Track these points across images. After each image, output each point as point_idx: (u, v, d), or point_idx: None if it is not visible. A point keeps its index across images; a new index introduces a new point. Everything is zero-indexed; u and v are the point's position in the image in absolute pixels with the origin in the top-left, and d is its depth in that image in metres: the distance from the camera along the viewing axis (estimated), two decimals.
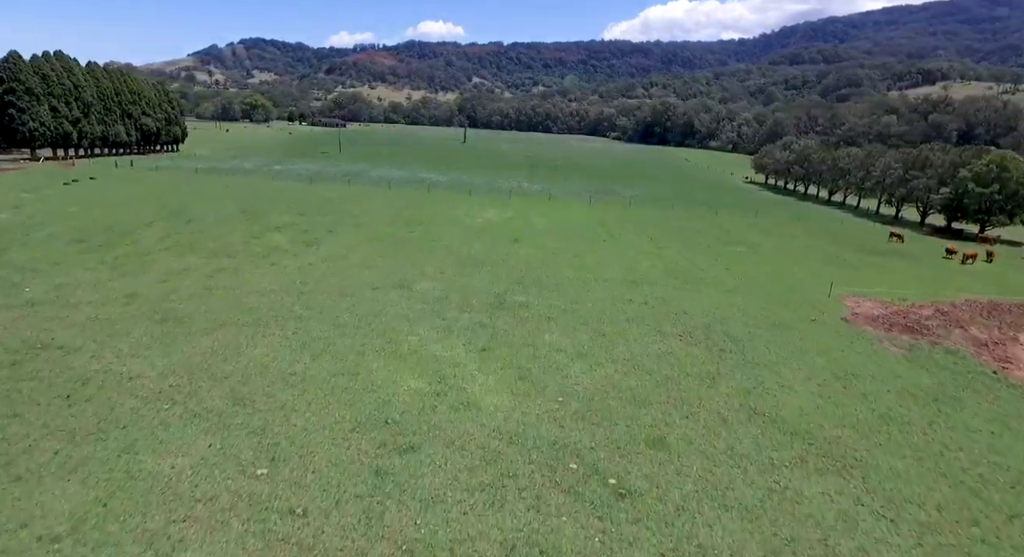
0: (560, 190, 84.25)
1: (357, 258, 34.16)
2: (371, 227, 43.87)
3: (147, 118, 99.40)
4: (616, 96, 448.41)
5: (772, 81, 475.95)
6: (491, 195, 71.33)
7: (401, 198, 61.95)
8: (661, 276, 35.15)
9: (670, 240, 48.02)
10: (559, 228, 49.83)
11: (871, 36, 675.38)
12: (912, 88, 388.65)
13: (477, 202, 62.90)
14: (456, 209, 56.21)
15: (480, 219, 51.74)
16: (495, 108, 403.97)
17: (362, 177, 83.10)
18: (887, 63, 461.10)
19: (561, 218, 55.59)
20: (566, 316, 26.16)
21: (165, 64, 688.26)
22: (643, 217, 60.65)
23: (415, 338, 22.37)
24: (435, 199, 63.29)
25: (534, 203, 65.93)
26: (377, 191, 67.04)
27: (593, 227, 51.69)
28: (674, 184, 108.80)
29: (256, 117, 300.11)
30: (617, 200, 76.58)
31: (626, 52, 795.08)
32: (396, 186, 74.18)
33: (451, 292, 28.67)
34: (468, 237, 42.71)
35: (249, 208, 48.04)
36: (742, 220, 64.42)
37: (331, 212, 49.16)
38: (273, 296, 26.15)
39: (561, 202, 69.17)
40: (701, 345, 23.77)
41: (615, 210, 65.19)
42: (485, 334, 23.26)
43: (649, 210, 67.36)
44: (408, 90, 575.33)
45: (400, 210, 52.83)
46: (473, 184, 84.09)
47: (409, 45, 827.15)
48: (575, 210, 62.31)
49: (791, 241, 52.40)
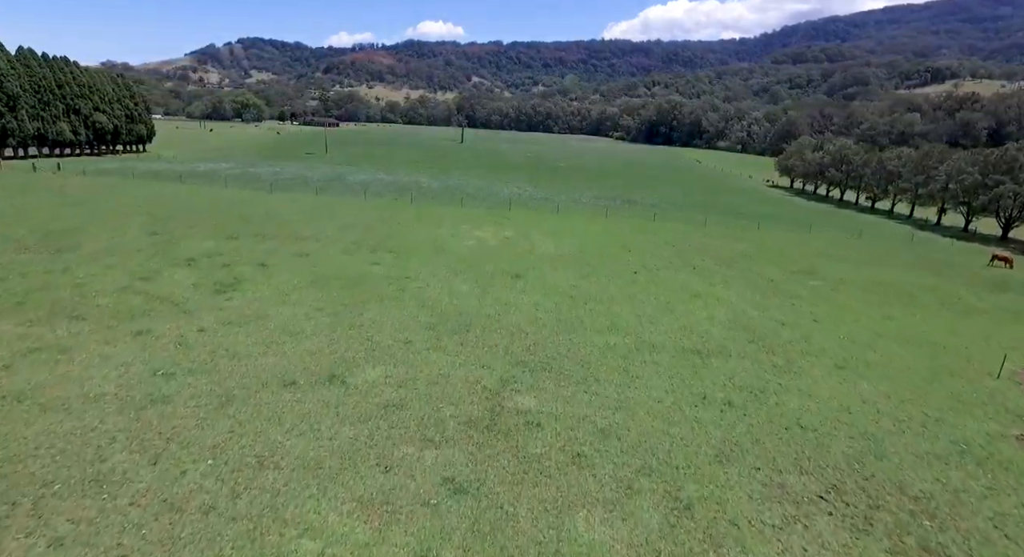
0: (567, 198, 72.84)
1: (282, 316, 22.70)
2: (321, 258, 32.37)
3: (101, 115, 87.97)
4: (619, 95, 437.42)
5: (776, 80, 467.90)
6: (487, 205, 59.96)
7: (375, 211, 50.48)
8: (732, 337, 23.72)
9: (720, 270, 36.60)
10: (573, 254, 38.38)
11: (873, 35, 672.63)
12: (921, 87, 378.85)
13: (469, 216, 51.46)
14: (442, 226, 44.75)
15: (471, 240, 40.32)
16: (494, 107, 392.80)
17: (338, 183, 71.66)
18: (894, 61, 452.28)
19: (574, 238, 44.14)
20: (607, 450, 14.70)
21: (162, 63, 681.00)
22: (674, 234, 49.19)
23: (315, 542, 10.90)
24: (418, 212, 51.80)
25: (538, 216, 54.46)
26: (349, 202, 55.54)
27: (616, 252, 40.24)
28: (692, 189, 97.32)
29: (246, 117, 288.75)
30: (635, 210, 65.12)
31: (627, 51, 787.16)
32: (374, 195, 62.73)
33: (412, 391, 17.25)
34: (452, 271, 31.31)
35: (164, 230, 36.55)
36: (794, 237, 52.97)
37: (275, 234, 37.67)
38: (88, 417, 14.64)
39: (570, 215, 57.68)
40: (877, 531, 12.33)
41: (637, 225, 53.73)
42: (459, 515, 11.85)
43: (677, 224, 55.89)
44: (407, 90, 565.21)
45: (369, 229, 41.36)
46: (467, 191, 72.66)
47: (408, 44, 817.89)
48: (589, 225, 50.84)
49: (876, 271, 40.80)
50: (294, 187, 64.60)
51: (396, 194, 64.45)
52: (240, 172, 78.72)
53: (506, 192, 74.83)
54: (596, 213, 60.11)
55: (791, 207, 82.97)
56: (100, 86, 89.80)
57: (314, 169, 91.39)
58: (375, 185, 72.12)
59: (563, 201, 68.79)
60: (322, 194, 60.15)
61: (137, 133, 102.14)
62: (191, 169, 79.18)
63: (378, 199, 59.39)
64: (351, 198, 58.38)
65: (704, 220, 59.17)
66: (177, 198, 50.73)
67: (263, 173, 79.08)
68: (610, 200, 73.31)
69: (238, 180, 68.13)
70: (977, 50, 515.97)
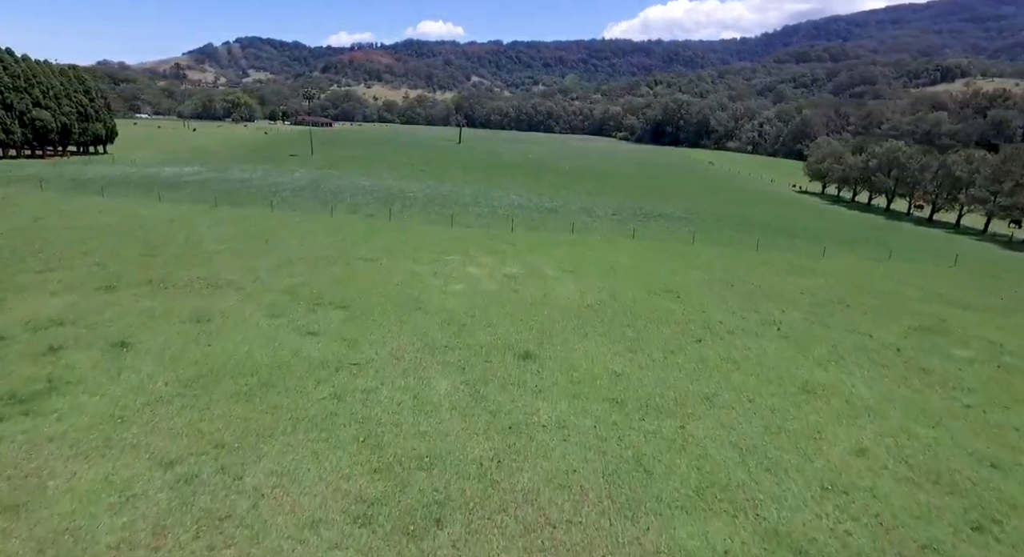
0: (578, 208, 61.66)
1: (79, 486, 11.55)
2: (228, 325, 21.09)
3: (43, 111, 76.77)
4: (621, 95, 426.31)
5: (780, 79, 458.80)
6: (484, 221, 48.80)
7: (339, 234, 39.24)
8: (935, 514, 12.62)
9: (817, 330, 25.42)
10: (604, 305, 27.20)
11: (875, 35, 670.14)
12: (930, 85, 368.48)
13: (461, 239, 40.26)
14: (421, 260, 33.56)
15: (459, 283, 29.14)
16: (494, 107, 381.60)
17: (309, 193, 60.38)
18: (901, 60, 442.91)
19: (600, 275, 32.96)
20: None
21: (159, 63, 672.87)
22: (725, 265, 37.93)
23: None
24: (395, 236, 40.55)
25: (548, 239, 43.16)
26: (310, 220, 44.22)
27: (661, 298, 29.05)
28: (718, 198, 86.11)
29: (235, 116, 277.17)
30: (663, 227, 53.83)
31: (627, 51, 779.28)
32: (348, 208, 51.46)
33: None
34: (427, 348, 20.19)
35: (3, 274, 25.30)
36: (878, 269, 41.46)
37: (178, 279, 26.38)
38: None
39: (588, 235, 46.40)
40: None
41: (674, 251, 42.46)
42: None
43: (723, 249, 44.57)
44: (405, 89, 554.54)
45: (319, 267, 30.17)
46: (461, 201, 61.49)
47: (408, 44, 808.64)
48: (614, 253, 39.54)
49: None
50: (251, 199, 53.32)
51: (375, 206, 53.24)
52: (200, 179, 67.53)
53: (507, 202, 63.68)
54: (617, 232, 48.85)
55: (838, 220, 71.69)
56: (44, 79, 78.64)
57: (290, 174, 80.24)
58: (353, 194, 60.89)
59: (574, 214, 57.62)
60: (281, 209, 48.84)
61: (93, 133, 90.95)
62: (143, 175, 68.02)
63: (350, 215, 48.11)
64: (315, 214, 47.09)
65: (753, 241, 47.92)
66: (75, 219, 39.29)
67: (227, 179, 67.86)
68: (630, 212, 62.14)
69: (190, 189, 56.89)
70: (981, 49, 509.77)
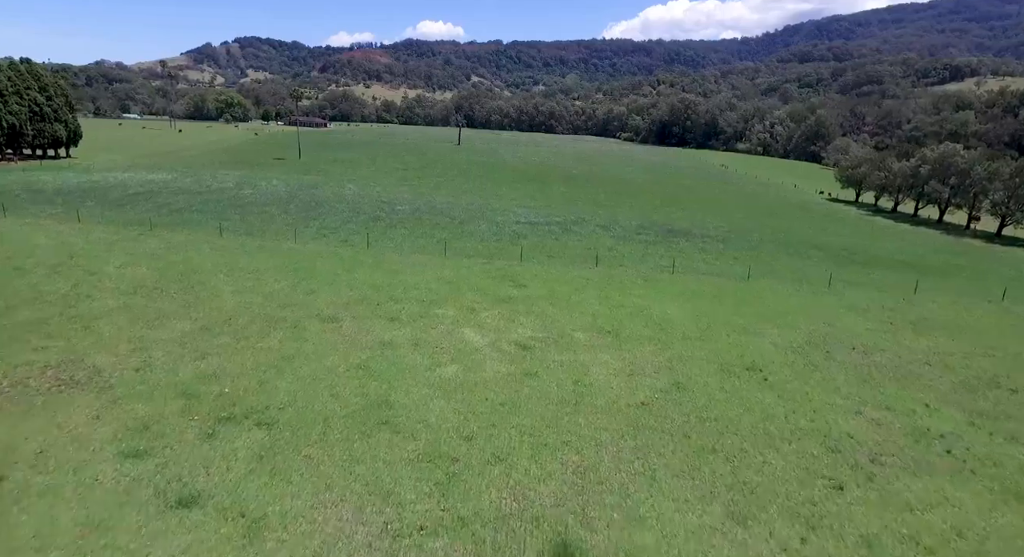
0: (595, 226, 52.35)
1: None
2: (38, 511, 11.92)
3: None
4: (625, 94, 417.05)
5: (784, 79, 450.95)
6: (484, 246, 39.49)
7: (293, 274, 29.83)
8: None
9: (1002, 475, 16.27)
10: (667, 406, 17.87)
11: (878, 34, 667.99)
12: (939, 84, 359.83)
13: (454, 278, 30.93)
14: (400, 317, 24.20)
15: (451, 365, 19.70)
16: (494, 107, 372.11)
17: (278, 208, 50.95)
18: (908, 59, 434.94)
19: (650, 343, 23.64)
20: None
21: (156, 62, 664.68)
22: (816, 323, 28.37)
23: None
24: (366, 276, 31.12)
25: (570, 277, 33.75)
26: (261, 252, 34.74)
27: (747, 390, 19.63)
28: (748, 209, 76.75)
29: (226, 117, 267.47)
30: (707, 256, 44.34)
31: (628, 51, 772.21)
32: (318, 232, 42.03)
33: None
34: (389, 535, 11.01)
35: None
36: (1006, 322, 32.11)
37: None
38: None
39: (619, 272, 37.01)
40: None
41: (730, 293, 33.05)
42: None
43: (786, 287, 35.09)
44: (404, 89, 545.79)
45: (239, 344, 20.68)
46: (457, 216, 52.19)
47: (407, 44, 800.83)
48: (661, 302, 29.97)
49: None
50: (204, 218, 43.85)
51: (354, 226, 43.91)
52: (155, 188, 58.25)
53: (512, 218, 54.40)
54: (651, 262, 39.43)
55: (897, 237, 62.13)
56: None
57: (267, 181, 71.06)
58: (331, 210, 51.54)
59: (594, 234, 48.33)
60: (235, 232, 39.32)
61: (51, 134, 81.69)
62: (91, 183, 58.76)
63: (319, 240, 38.70)
64: (276, 240, 37.67)
65: (819, 273, 38.57)
66: None
67: (187, 190, 58.55)
68: (657, 231, 52.81)
69: (134, 203, 47.52)
70: (985, 48, 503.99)
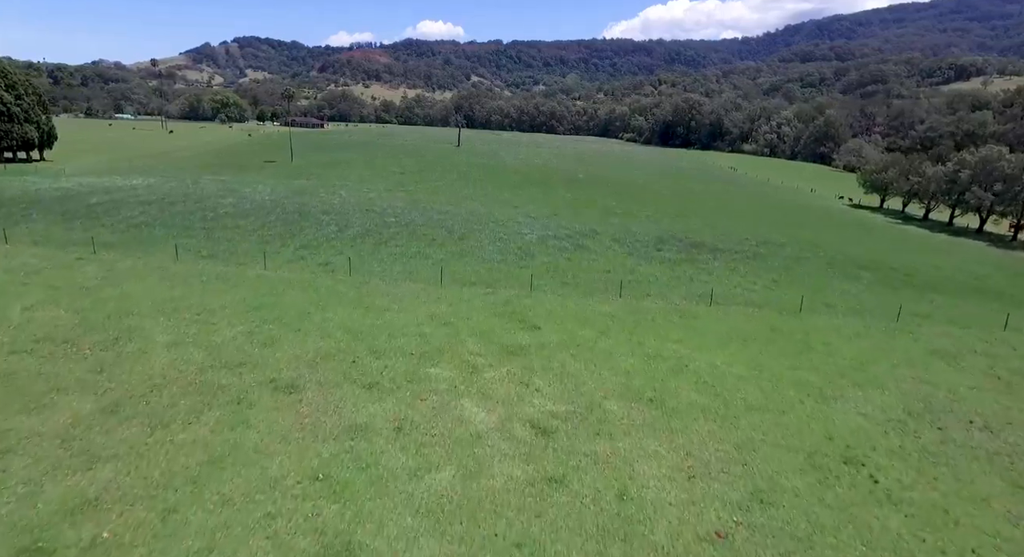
0: (612, 240, 46.75)
1: None
2: None
3: None
4: (626, 94, 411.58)
5: (787, 78, 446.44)
6: (487, 269, 33.90)
7: (252, 315, 24.14)
8: None
9: None
10: (751, 540, 12.41)
11: (879, 33, 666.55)
12: (944, 84, 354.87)
13: (451, 316, 25.26)
14: (380, 380, 18.60)
15: (445, 468, 14.13)
16: (494, 107, 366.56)
17: (252, 221, 45.18)
18: (912, 58, 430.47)
19: (703, 419, 18.02)
20: None
21: (148, 62, 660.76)
22: (906, 382, 22.78)
23: None
24: (342, 317, 25.35)
25: (591, 314, 27.86)
26: (216, 283, 28.88)
27: (857, 506, 14.08)
28: (772, 218, 71.02)
29: (221, 117, 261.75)
30: (743, 279, 38.59)
31: (628, 50, 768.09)
32: (295, 250, 36.48)
33: None
34: None
35: None
36: None
37: None
38: None
39: (647, 304, 31.28)
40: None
41: (793, 338, 27.33)
42: None
43: (857, 326, 29.37)
44: (404, 89, 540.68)
45: (143, 444, 15.32)
46: (456, 228, 46.53)
47: (407, 43, 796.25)
48: (707, 350, 24.12)
49: None
50: (162, 236, 38.11)
51: (338, 244, 38.29)
52: (121, 197, 52.63)
53: (517, 230, 48.77)
54: (681, 288, 33.83)
55: (939, 251, 56.29)
56: None
57: (252, 187, 65.51)
58: (315, 222, 45.87)
59: (610, 250, 42.71)
60: (194, 254, 33.65)
61: (20, 136, 76.18)
62: (48, 191, 53.16)
63: (295, 264, 33.04)
64: (240, 265, 31.85)
65: (880, 302, 32.93)
66: None
67: (158, 199, 52.91)
68: (679, 245, 47.15)
69: (90, 215, 41.82)
70: (987, 48, 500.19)
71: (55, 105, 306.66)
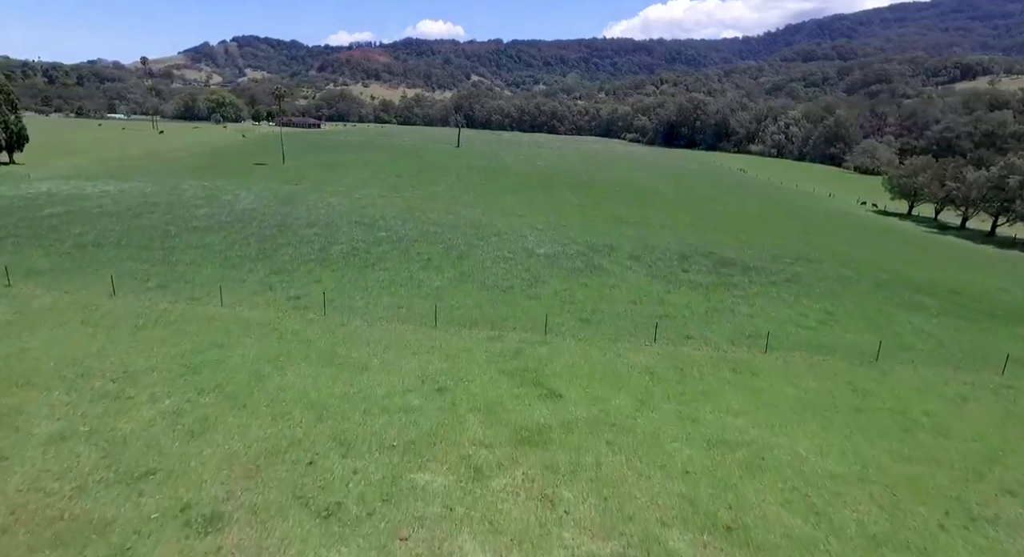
0: (630, 258, 41.10)
1: None
2: None
3: None
4: (628, 94, 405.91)
5: (789, 78, 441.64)
6: (489, 300, 28.09)
7: (170, 392, 18.60)
8: None
9: None
10: None
11: (880, 33, 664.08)
12: (950, 83, 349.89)
13: (446, 376, 19.55)
14: (337, 514, 13.07)
15: None
16: (495, 106, 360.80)
17: (221, 238, 39.51)
18: (917, 57, 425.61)
19: None
20: None
21: (153, 62, 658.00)
22: None
23: None
24: (304, 386, 19.67)
25: (620, 368, 22.19)
26: (146, 332, 23.27)
27: None
28: (797, 227, 65.28)
29: (215, 117, 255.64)
30: (791, 312, 32.93)
31: (629, 50, 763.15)
32: (264, 277, 30.81)
33: None
34: None
35: None
36: None
37: None
38: None
39: (687, 351, 25.53)
40: None
41: (895, 411, 21.63)
42: None
43: (959, 385, 23.84)
44: (403, 88, 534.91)
45: None
46: (454, 243, 40.86)
47: (406, 43, 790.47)
48: (786, 435, 18.00)
49: None
50: (107, 260, 32.56)
51: (315, 270, 32.70)
52: (80, 207, 47.03)
53: (522, 244, 43.18)
54: (726, 326, 28.21)
55: (993, 268, 50.32)
56: None
57: (235, 193, 60.12)
58: (295, 237, 40.23)
59: (629, 271, 37.10)
60: (139, 286, 28.05)
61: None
62: (7, 200, 47.54)
63: (256, 297, 27.35)
64: (189, 300, 26.25)
65: (966, 347, 27.31)
66: None
67: (117, 211, 47.27)
68: (705, 262, 41.51)
69: (33, 229, 36.20)
70: (989, 47, 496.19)
71: (47, 105, 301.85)
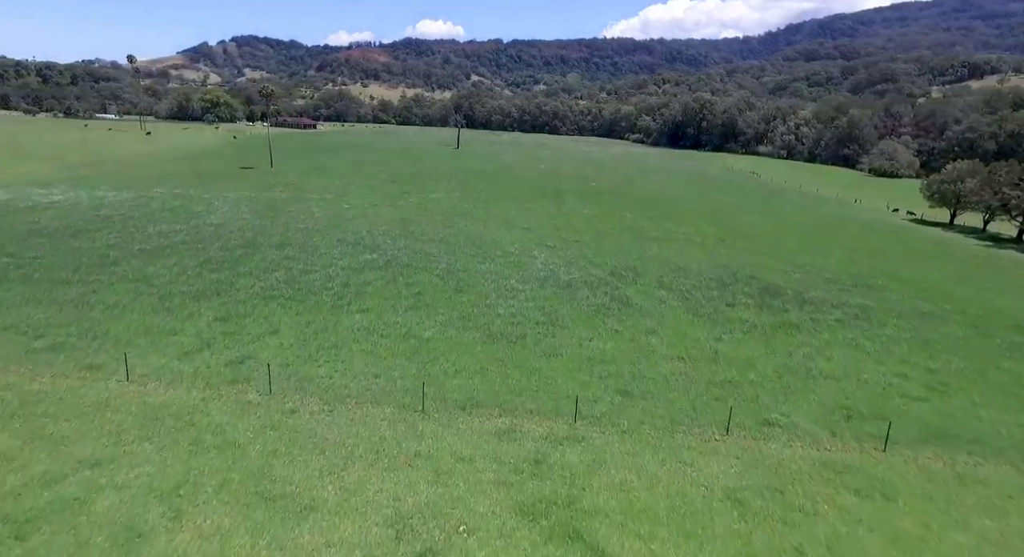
0: (657, 284, 34.09)
1: None
2: None
3: None
4: (632, 93, 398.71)
5: (792, 77, 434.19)
6: (497, 360, 20.74)
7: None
8: None
9: None
10: None
11: (882, 32, 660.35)
12: (957, 82, 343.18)
13: (430, 517, 12.74)
14: None
15: None
16: (495, 106, 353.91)
17: (184, 261, 32.36)
18: (922, 56, 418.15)
19: None
20: None
21: (151, 62, 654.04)
22: None
23: None
24: (208, 542, 12.75)
25: (703, 509, 15.31)
26: (11, 421, 16.52)
27: None
28: (840, 243, 58.12)
29: (208, 118, 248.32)
30: (902, 384, 25.79)
31: (629, 50, 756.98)
32: (192, 339, 23.81)
33: None
34: None
35: None
36: None
37: None
38: None
39: (782, 459, 18.67)
40: None
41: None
42: None
43: None
44: (403, 88, 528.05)
45: None
46: (449, 268, 33.73)
47: (406, 43, 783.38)
48: None
49: None
50: (10, 300, 25.67)
51: (270, 316, 25.72)
52: (19, 224, 40.10)
53: (529, 269, 36.23)
54: (808, 397, 21.20)
55: None
56: None
57: (209, 203, 53.37)
58: (258, 266, 33.17)
59: (663, 305, 30.18)
60: (14, 347, 21.08)
61: None
62: None
63: (184, 363, 20.11)
64: (80, 377, 19.10)
65: None
66: None
67: (78, 222, 40.25)
68: (754, 295, 34.36)
69: None
70: (992, 46, 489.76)
71: (38, 105, 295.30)
